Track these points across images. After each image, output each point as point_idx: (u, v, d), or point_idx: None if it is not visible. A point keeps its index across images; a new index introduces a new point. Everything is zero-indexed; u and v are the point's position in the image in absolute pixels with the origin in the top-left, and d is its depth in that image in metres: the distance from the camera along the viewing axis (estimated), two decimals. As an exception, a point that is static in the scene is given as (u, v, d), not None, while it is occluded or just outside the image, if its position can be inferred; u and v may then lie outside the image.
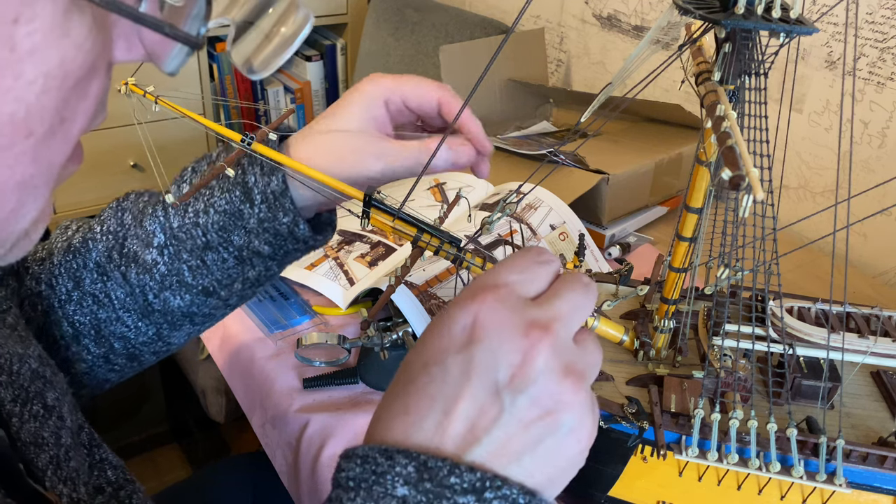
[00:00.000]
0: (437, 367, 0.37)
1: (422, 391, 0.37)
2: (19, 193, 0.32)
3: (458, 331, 0.38)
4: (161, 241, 0.60)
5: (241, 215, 0.58)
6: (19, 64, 0.28)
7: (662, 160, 1.16)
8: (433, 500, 0.35)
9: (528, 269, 0.40)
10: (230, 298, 0.63)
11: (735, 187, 0.37)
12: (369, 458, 0.37)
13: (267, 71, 0.39)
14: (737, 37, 0.49)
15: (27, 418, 0.50)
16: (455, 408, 0.36)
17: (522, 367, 0.36)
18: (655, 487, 0.63)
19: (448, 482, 0.35)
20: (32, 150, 0.31)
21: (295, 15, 0.39)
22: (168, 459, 1.85)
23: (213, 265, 0.60)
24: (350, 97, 0.58)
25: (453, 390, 0.37)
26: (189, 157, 0.63)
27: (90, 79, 0.32)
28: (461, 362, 0.37)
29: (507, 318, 0.37)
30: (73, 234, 0.65)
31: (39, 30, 0.28)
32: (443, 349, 0.38)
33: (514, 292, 0.39)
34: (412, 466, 0.36)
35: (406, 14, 1.83)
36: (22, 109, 0.29)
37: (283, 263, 0.62)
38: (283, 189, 0.56)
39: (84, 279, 0.63)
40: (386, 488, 0.36)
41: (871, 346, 0.64)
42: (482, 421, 0.36)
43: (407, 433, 0.37)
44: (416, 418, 0.37)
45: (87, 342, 0.64)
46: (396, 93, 0.58)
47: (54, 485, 0.49)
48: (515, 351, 0.37)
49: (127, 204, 0.64)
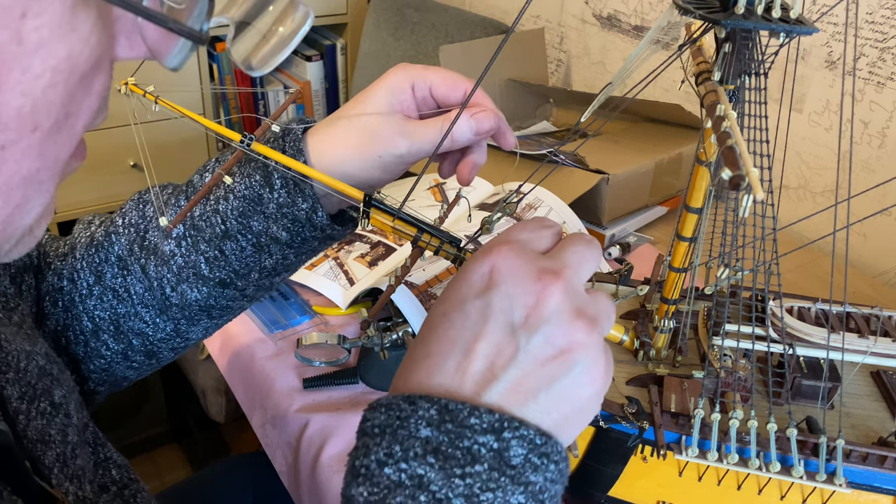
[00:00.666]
0: (457, 313, 0.40)
1: (443, 336, 0.40)
2: (25, 188, 0.32)
3: (477, 279, 0.41)
4: (180, 232, 0.60)
5: (260, 200, 0.58)
6: (27, 58, 0.28)
7: (662, 160, 1.16)
8: (455, 439, 0.37)
9: (536, 231, 0.44)
10: (247, 289, 0.63)
11: (735, 187, 0.37)
12: (393, 405, 0.39)
13: (266, 68, 0.39)
14: (737, 37, 0.49)
15: (34, 415, 0.50)
16: (474, 348, 0.39)
17: (536, 307, 0.39)
18: (655, 487, 0.63)
19: (468, 423, 0.38)
20: (38, 144, 0.31)
21: (294, 13, 0.39)
22: (168, 459, 1.85)
23: (231, 254, 0.60)
24: (377, 84, 0.59)
25: (472, 332, 0.39)
26: (189, 157, 0.63)
27: (95, 74, 0.32)
28: (479, 307, 0.40)
29: (522, 266, 0.40)
30: (95, 229, 0.65)
31: (47, 24, 0.28)
32: (462, 297, 0.41)
33: (525, 247, 0.42)
34: (434, 409, 0.38)
35: (406, 14, 1.83)
36: (29, 103, 0.29)
37: (301, 252, 0.62)
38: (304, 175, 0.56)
39: (105, 273, 0.63)
40: (410, 431, 0.38)
41: (871, 346, 0.64)
42: (500, 360, 0.39)
43: (430, 374, 0.40)
44: (437, 360, 0.40)
45: (105, 338, 0.64)
46: (423, 79, 0.58)
47: (60, 482, 0.49)
48: (529, 293, 0.39)
49: (149, 196, 0.64)
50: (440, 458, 0.37)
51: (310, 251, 0.62)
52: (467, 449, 0.37)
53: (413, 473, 0.37)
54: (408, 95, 0.58)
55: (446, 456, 0.37)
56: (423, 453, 0.38)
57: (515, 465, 0.38)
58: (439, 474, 0.37)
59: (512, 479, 0.37)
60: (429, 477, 0.37)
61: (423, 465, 0.37)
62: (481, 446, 0.37)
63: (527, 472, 0.38)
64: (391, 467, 0.38)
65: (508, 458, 0.38)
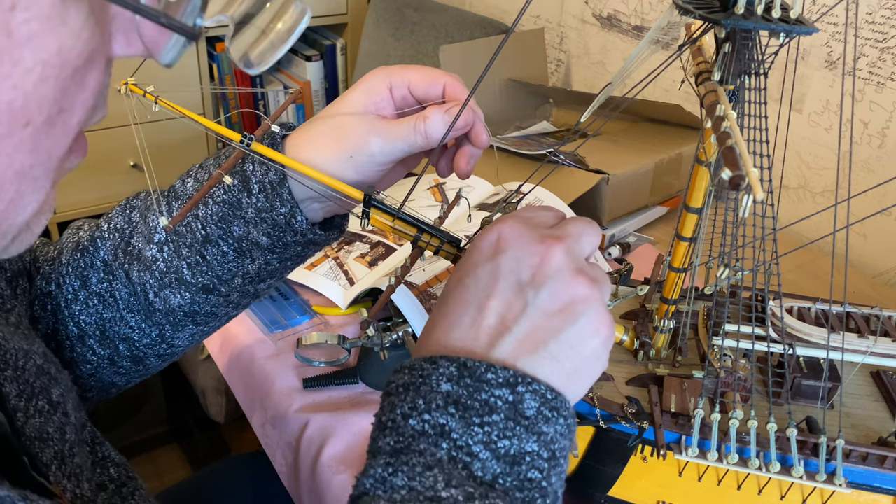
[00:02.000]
0: (470, 278, 0.45)
1: (458, 298, 0.45)
2: (18, 183, 0.32)
3: (486, 246, 0.45)
4: (162, 238, 0.60)
5: (239, 205, 0.58)
6: (17, 50, 0.28)
7: (662, 160, 1.16)
8: (473, 392, 0.41)
9: (539, 211, 0.48)
10: (231, 295, 0.63)
11: (735, 187, 0.37)
12: (416, 366, 0.43)
13: (264, 65, 0.40)
14: (737, 37, 0.49)
15: (32, 413, 0.50)
16: (486, 305, 0.44)
17: (541, 266, 0.43)
18: (655, 487, 0.63)
19: (486, 377, 0.41)
20: (31, 139, 0.31)
21: (291, 10, 0.39)
22: (168, 459, 1.85)
23: (213, 259, 0.59)
24: (354, 86, 0.59)
25: (484, 292, 0.44)
26: (189, 157, 0.63)
27: (88, 69, 0.32)
28: (490, 270, 0.44)
29: (527, 233, 0.45)
30: (82, 234, 0.65)
31: (36, 17, 0.28)
32: (474, 263, 0.45)
33: (531, 220, 0.47)
34: (454, 367, 0.42)
35: (406, 14, 1.83)
36: (20, 97, 0.29)
37: (284, 257, 0.61)
38: (281, 179, 0.56)
39: (91, 278, 0.63)
40: (431, 386, 0.42)
41: (871, 346, 0.64)
42: (510, 314, 0.43)
43: (448, 332, 0.44)
44: (454, 318, 0.45)
45: (91, 343, 0.64)
46: (400, 79, 0.58)
47: (58, 480, 0.49)
48: (535, 254, 0.44)
49: (136, 202, 0.64)
50: (460, 409, 0.41)
51: (294, 257, 0.62)
52: (485, 401, 0.41)
53: (435, 423, 0.41)
54: (384, 96, 0.58)
55: (465, 407, 0.41)
56: (445, 405, 0.41)
57: (529, 416, 0.41)
58: (459, 423, 0.41)
59: (526, 428, 0.41)
60: (450, 426, 0.41)
61: (445, 415, 0.41)
62: (497, 399, 0.41)
63: (539, 422, 0.42)
64: (415, 419, 0.41)
65: (522, 409, 0.41)
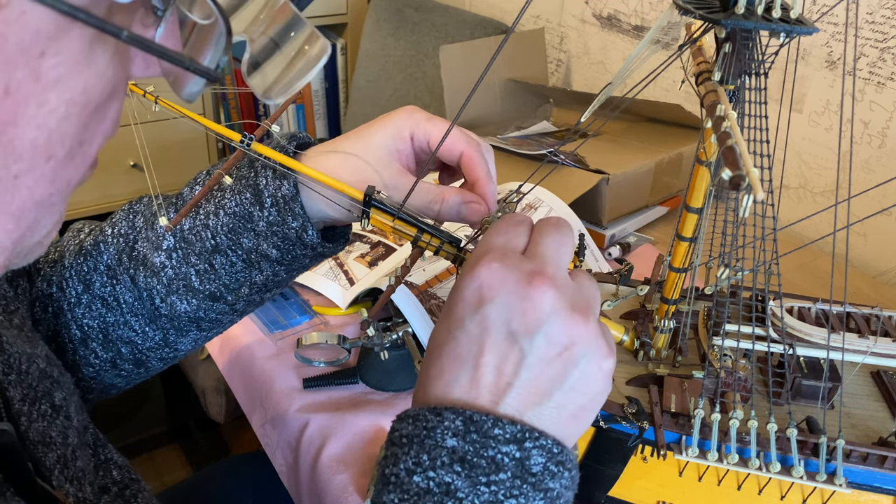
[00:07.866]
0: (459, 331, 0.42)
1: (451, 354, 0.42)
2: (37, 212, 0.33)
3: (469, 296, 0.42)
4: (170, 244, 0.60)
5: (250, 217, 0.57)
6: (43, 93, 0.29)
7: (662, 160, 1.16)
8: (480, 449, 0.40)
9: (508, 231, 0.45)
10: (237, 303, 0.63)
11: (735, 187, 0.37)
12: (420, 417, 0.41)
13: (283, 98, 0.40)
14: (737, 37, 0.49)
15: (35, 417, 0.50)
16: (481, 361, 0.41)
17: (532, 312, 0.41)
18: (655, 487, 0.63)
19: (492, 433, 0.40)
20: (52, 171, 0.32)
21: (319, 42, 0.39)
22: (168, 459, 1.85)
23: (221, 269, 0.59)
24: (380, 124, 0.58)
25: (476, 347, 0.42)
26: (189, 157, 0.63)
27: (109, 103, 0.33)
28: (478, 322, 0.42)
29: (508, 274, 0.41)
30: (84, 237, 0.65)
31: (65, 62, 0.29)
32: (460, 315, 0.42)
33: (505, 252, 0.43)
34: (459, 421, 0.40)
35: (406, 14, 1.83)
36: (44, 136, 0.30)
37: (292, 269, 0.61)
38: (294, 194, 0.56)
39: (94, 282, 0.63)
40: (436, 441, 0.40)
41: (871, 346, 0.64)
42: (507, 367, 0.41)
43: (446, 392, 0.42)
44: (450, 378, 0.42)
45: (94, 346, 0.64)
46: (423, 132, 0.57)
47: (61, 484, 0.49)
48: (523, 300, 0.41)
49: (139, 207, 0.64)
50: (466, 467, 0.40)
51: (301, 268, 0.62)
52: (491, 458, 0.40)
53: (441, 481, 0.40)
54: (407, 144, 0.58)
55: (472, 465, 0.40)
56: (450, 462, 0.40)
57: (536, 473, 0.40)
58: (465, 482, 0.39)
59: (533, 485, 0.40)
60: (456, 484, 0.39)
61: (450, 473, 0.40)
62: (504, 455, 0.40)
63: (546, 479, 0.40)
64: (420, 475, 0.40)
65: (529, 466, 0.40)
